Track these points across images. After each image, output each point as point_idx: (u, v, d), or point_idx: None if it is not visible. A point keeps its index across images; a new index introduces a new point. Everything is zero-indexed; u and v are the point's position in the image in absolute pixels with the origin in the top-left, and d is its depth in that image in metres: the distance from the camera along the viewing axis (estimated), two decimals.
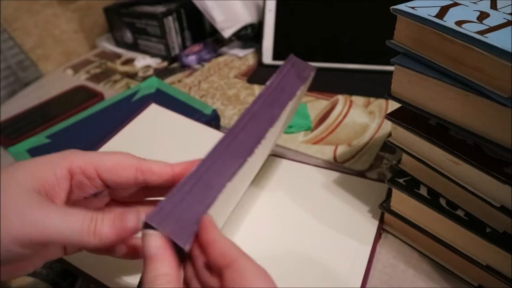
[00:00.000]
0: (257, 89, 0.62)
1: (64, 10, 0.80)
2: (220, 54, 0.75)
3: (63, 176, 0.24)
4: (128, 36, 0.79)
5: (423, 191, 0.33)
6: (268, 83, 0.32)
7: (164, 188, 0.26)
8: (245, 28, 0.71)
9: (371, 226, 0.36)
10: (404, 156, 0.34)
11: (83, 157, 0.25)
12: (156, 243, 0.21)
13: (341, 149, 0.47)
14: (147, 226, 0.22)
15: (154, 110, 0.49)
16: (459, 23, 0.24)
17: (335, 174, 0.42)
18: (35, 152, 0.49)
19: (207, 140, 0.45)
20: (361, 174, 0.43)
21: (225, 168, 0.25)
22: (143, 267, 0.21)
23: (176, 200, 0.23)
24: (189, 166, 0.25)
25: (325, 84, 0.59)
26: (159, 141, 0.45)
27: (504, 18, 0.25)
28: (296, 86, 0.34)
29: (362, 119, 0.52)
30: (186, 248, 0.22)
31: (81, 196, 0.26)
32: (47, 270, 0.36)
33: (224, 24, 0.70)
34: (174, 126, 0.47)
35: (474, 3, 0.27)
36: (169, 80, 0.68)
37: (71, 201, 0.26)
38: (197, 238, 0.23)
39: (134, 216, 0.23)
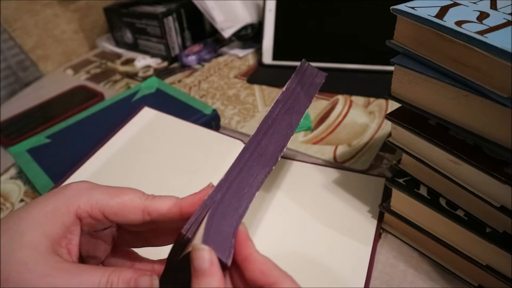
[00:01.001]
0: (257, 89, 0.62)
1: (64, 10, 0.80)
2: (220, 54, 0.75)
3: (72, 223, 0.24)
4: (128, 36, 0.79)
5: (423, 191, 0.33)
6: (284, 88, 0.32)
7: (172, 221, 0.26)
8: (245, 28, 0.71)
9: (371, 226, 0.36)
10: (404, 156, 0.34)
11: (89, 200, 0.24)
12: (209, 258, 0.21)
13: (341, 149, 0.47)
14: (183, 236, 0.22)
15: (147, 113, 0.49)
16: (459, 23, 0.24)
17: (334, 172, 0.42)
18: (35, 152, 0.49)
19: (202, 141, 0.46)
20: (361, 173, 0.43)
21: (252, 177, 0.25)
22: (193, 279, 0.21)
23: (209, 210, 0.23)
24: (197, 201, 0.25)
25: (325, 84, 0.59)
26: (154, 144, 0.45)
27: (504, 18, 0.25)
28: (310, 93, 0.34)
29: (362, 119, 0.52)
30: (228, 262, 0.22)
31: (91, 230, 0.26)
32: None
33: (224, 24, 0.70)
34: (168, 129, 0.47)
35: (474, 3, 0.27)
36: (169, 80, 0.68)
37: (84, 235, 0.26)
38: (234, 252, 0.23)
39: (148, 280, 0.23)
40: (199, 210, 0.23)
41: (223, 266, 0.22)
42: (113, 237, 0.28)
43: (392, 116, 0.31)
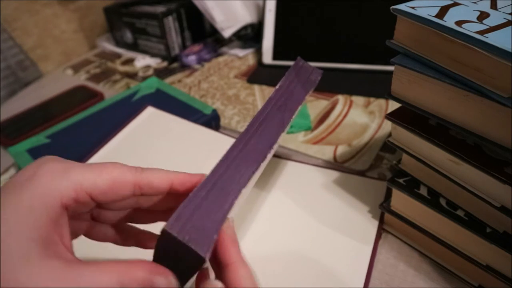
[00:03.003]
0: (257, 89, 0.62)
1: (64, 10, 0.80)
2: (220, 54, 0.75)
3: (60, 215, 0.21)
4: (128, 36, 0.79)
5: (423, 191, 0.33)
6: (277, 86, 0.32)
7: (160, 199, 0.25)
8: (245, 28, 0.71)
9: (371, 226, 0.36)
10: (404, 156, 0.34)
11: (70, 184, 0.21)
12: None
13: (341, 149, 0.47)
14: (165, 232, 0.21)
15: (150, 113, 0.49)
16: (459, 23, 0.24)
17: (334, 174, 0.42)
18: (35, 152, 0.49)
19: (205, 141, 0.46)
20: (361, 174, 0.43)
21: (239, 174, 0.25)
22: None
23: (193, 206, 0.22)
24: (188, 181, 0.24)
25: (325, 84, 0.59)
26: (156, 143, 0.45)
27: (504, 18, 0.25)
28: (305, 90, 0.34)
29: (362, 119, 0.52)
30: (207, 257, 0.21)
31: (74, 214, 0.23)
32: None
33: (224, 24, 0.70)
34: (171, 128, 0.47)
35: (474, 3, 0.27)
36: (169, 80, 0.68)
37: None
38: (215, 252, 0.23)
39: (165, 281, 0.21)
40: (183, 206, 0.22)
41: (201, 260, 0.21)
42: (91, 214, 0.25)
43: (392, 116, 0.31)
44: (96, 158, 0.43)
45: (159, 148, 0.45)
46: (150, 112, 0.49)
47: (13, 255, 0.18)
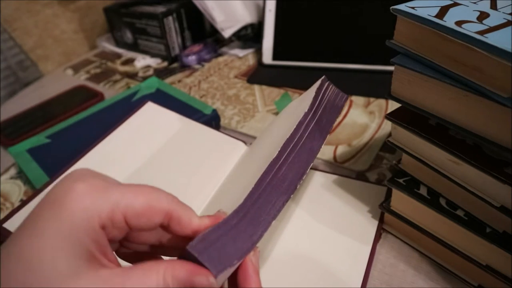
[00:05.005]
0: (257, 89, 0.62)
1: (64, 10, 0.80)
2: (220, 54, 0.75)
3: (99, 235, 0.21)
4: (128, 36, 0.79)
5: (423, 191, 0.33)
6: (306, 109, 0.31)
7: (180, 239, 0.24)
8: (245, 28, 0.71)
9: (371, 226, 0.36)
10: (404, 156, 0.34)
11: (108, 204, 0.21)
12: None
13: (341, 149, 0.47)
14: (187, 252, 0.21)
15: (150, 108, 0.49)
16: (459, 23, 0.24)
17: (334, 177, 0.42)
18: (35, 152, 0.49)
19: (203, 139, 0.46)
20: (361, 174, 0.43)
21: (270, 204, 0.25)
22: None
23: (221, 232, 0.22)
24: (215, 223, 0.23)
25: None
26: (155, 139, 0.45)
27: (504, 18, 0.25)
28: (332, 117, 0.33)
29: (362, 119, 0.52)
30: (217, 275, 0.21)
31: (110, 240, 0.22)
32: None
33: (224, 24, 0.70)
34: (170, 124, 0.47)
35: (474, 3, 0.27)
36: (169, 80, 0.69)
37: None
38: (236, 278, 0.23)
39: (205, 281, 0.21)
40: (210, 231, 0.22)
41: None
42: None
43: (392, 116, 0.31)
44: (93, 153, 0.43)
45: (157, 144, 0.45)
46: (149, 107, 0.49)
47: (64, 273, 0.19)
